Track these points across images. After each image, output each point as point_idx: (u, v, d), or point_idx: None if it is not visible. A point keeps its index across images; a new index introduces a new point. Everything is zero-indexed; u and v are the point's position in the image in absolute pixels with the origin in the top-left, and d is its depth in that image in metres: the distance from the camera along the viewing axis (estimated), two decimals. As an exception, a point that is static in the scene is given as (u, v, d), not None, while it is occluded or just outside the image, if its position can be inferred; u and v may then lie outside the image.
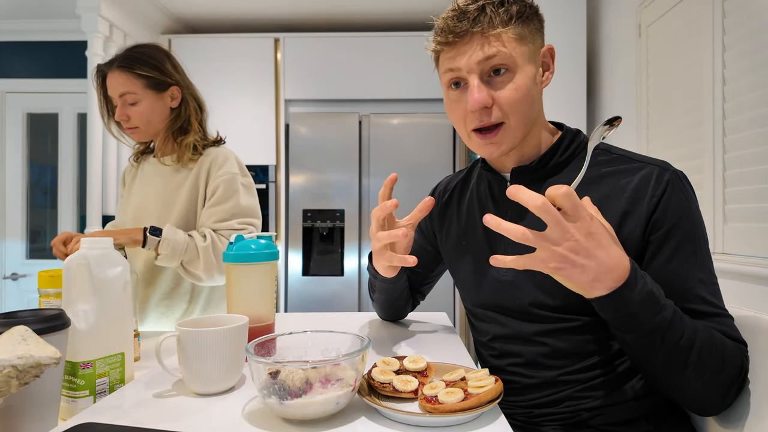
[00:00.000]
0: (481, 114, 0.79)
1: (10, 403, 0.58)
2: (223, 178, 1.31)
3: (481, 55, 0.76)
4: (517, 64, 0.77)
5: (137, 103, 1.29)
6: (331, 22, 3.36)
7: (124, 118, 1.30)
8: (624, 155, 0.82)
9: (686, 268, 0.73)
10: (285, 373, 0.59)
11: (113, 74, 1.29)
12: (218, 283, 1.30)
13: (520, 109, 0.78)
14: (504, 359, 0.86)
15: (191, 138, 1.33)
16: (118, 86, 1.28)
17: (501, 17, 0.76)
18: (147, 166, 1.41)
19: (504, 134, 0.80)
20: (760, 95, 1.43)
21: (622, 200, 0.77)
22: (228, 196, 1.30)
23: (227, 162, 1.33)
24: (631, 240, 0.75)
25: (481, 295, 0.90)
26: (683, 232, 0.74)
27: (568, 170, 0.84)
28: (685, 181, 0.77)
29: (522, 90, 0.78)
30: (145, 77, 1.29)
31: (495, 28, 0.76)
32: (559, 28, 2.44)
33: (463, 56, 0.78)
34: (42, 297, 0.84)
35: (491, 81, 0.79)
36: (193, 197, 1.32)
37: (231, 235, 1.25)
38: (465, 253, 0.94)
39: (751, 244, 1.46)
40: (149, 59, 1.30)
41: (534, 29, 0.80)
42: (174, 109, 1.36)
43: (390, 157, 3.03)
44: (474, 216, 0.94)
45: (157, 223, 1.30)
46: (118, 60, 1.29)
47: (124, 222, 1.40)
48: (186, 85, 1.37)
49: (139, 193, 1.38)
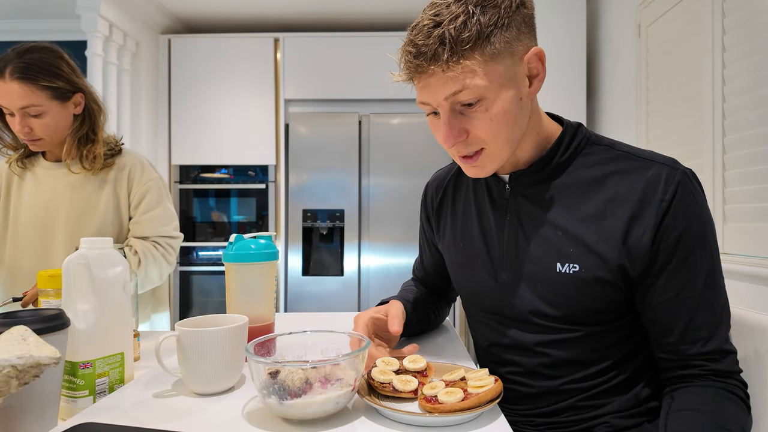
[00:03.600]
0: (457, 146, 0.74)
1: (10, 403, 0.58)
2: (148, 184, 1.35)
3: (446, 92, 0.70)
4: (491, 91, 0.69)
5: (41, 115, 1.21)
6: (331, 22, 3.36)
7: (26, 131, 1.22)
8: (629, 152, 0.77)
9: (695, 279, 0.71)
10: (285, 373, 0.59)
11: (9, 84, 1.17)
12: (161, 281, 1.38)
13: (499, 134, 0.73)
14: (504, 367, 0.84)
15: (100, 149, 1.29)
16: (18, 99, 1.18)
17: (463, 45, 0.66)
18: (40, 170, 1.33)
19: (485, 158, 0.76)
20: (760, 95, 1.43)
21: (629, 203, 0.72)
22: (158, 201, 1.36)
23: (145, 168, 1.37)
24: (640, 247, 0.71)
25: (480, 301, 0.87)
26: (694, 238, 0.71)
27: (571, 169, 0.78)
28: (695, 180, 0.73)
29: (498, 117, 0.71)
30: (50, 88, 1.21)
31: (457, 62, 0.67)
32: (559, 28, 2.44)
33: (428, 91, 0.71)
34: (42, 297, 0.84)
35: (464, 111, 0.72)
36: (113, 204, 1.32)
37: (170, 242, 1.36)
38: (463, 256, 0.90)
39: (751, 244, 1.46)
40: (50, 67, 1.22)
41: (513, 36, 0.69)
42: (77, 116, 1.29)
43: (390, 157, 3.03)
44: (471, 219, 0.89)
45: (71, 230, 1.29)
46: (12, 69, 1.17)
47: (16, 229, 1.33)
48: (88, 90, 1.31)
49: (38, 198, 1.32)
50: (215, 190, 3.20)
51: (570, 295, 0.75)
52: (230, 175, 3.19)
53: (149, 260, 1.28)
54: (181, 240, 1.41)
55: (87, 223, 1.30)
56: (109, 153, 1.33)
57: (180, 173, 3.20)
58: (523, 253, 0.79)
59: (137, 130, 3.02)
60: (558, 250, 0.75)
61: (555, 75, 2.40)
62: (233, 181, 3.19)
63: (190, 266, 3.19)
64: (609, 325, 0.76)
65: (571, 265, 0.74)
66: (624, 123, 2.29)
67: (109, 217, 1.32)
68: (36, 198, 1.32)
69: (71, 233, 1.29)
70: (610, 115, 2.44)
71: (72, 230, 1.30)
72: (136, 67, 3.02)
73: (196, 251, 3.21)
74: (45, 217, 1.31)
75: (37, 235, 1.31)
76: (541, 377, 0.79)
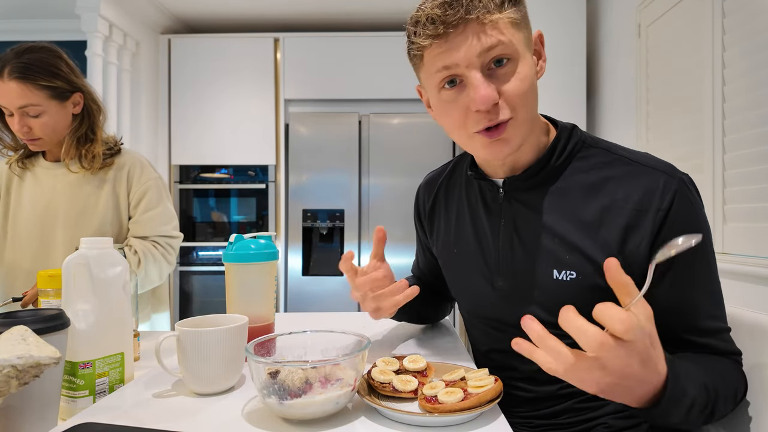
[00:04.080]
0: (489, 113, 0.69)
1: (10, 403, 0.58)
2: (148, 183, 1.35)
3: (481, 46, 0.67)
4: (518, 52, 0.69)
5: (40, 115, 1.22)
6: (331, 22, 3.36)
7: (25, 130, 1.22)
8: (625, 156, 0.76)
9: (693, 289, 0.71)
10: (285, 373, 0.59)
11: (8, 84, 1.18)
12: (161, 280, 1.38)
13: (527, 101, 0.70)
14: (503, 372, 0.83)
15: (99, 148, 1.30)
16: (16, 98, 1.19)
17: (495, 1, 0.67)
18: (40, 170, 1.33)
19: (513, 129, 0.71)
20: (760, 95, 1.43)
21: (625, 212, 0.71)
22: (158, 201, 1.36)
23: (144, 168, 1.37)
24: (636, 256, 0.70)
25: (477, 307, 0.86)
26: (693, 246, 0.72)
27: (566, 174, 0.77)
28: (693, 187, 0.73)
29: (527, 80, 0.69)
30: (49, 87, 1.21)
31: (492, 13, 0.67)
32: (559, 28, 2.44)
33: (458, 50, 0.67)
34: (42, 297, 0.84)
35: (493, 74, 0.69)
36: (112, 204, 1.32)
37: (169, 242, 1.36)
38: (458, 262, 0.88)
39: (751, 244, 1.46)
40: (49, 67, 1.22)
41: (524, 14, 0.72)
42: (76, 116, 1.30)
43: (390, 157, 3.03)
44: (464, 223, 0.87)
45: (70, 230, 1.29)
46: (11, 69, 1.18)
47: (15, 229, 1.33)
48: (87, 90, 1.31)
49: (38, 198, 1.32)
50: (215, 190, 3.20)
51: (568, 302, 0.74)
52: (230, 175, 3.19)
53: (149, 260, 1.28)
54: (181, 240, 1.41)
55: (86, 222, 1.30)
56: (109, 153, 1.33)
57: (180, 173, 3.20)
58: (520, 260, 0.78)
59: (137, 130, 3.02)
60: (554, 257, 0.75)
61: (555, 75, 2.40)
62: (233, 181, 3.19)
63: (190, 266, 3.19)
64: None
65: (568, 272, 0.74)
66: (624, 123, 2.28)
67: (109, 217, 1.32)
68: (36, 198, 1.32)
69: (71, 233, 1.30)
70: (609, 115, 2.44)
71: (71, 230, 1.30)
72: (136, 67, 3.02)
73: (196, 251, 3.21)
74: (44, 216, 1.31)
75: (37, 235, 1.31)
76: (540, 383, 0.79)
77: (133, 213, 1.35)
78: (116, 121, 2.83)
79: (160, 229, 1.35)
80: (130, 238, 1.33)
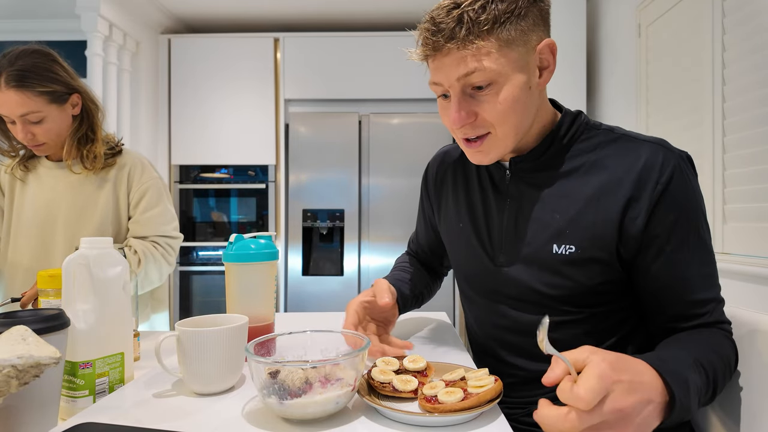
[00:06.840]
0: (464, 129, 0.76)
1: (10, 403, 0.58)
2: (148, 183, 1.35)
3: (458, 73, 0.72)
4: (502, 75, 0.72)
5: (42, 120, 1.22)
6: (331, 22, 3.36)
7: (29, 137, 1.23)
8: (628, 134, 0.80)
9: (689, 263, 0.74)
10: (285, 372, 0.59)
11: (6, 93, 1.17)
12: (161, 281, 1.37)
13: (507, 119, 0.75)
14: (502, 348, 0.86)
15: (100, 148, 1.30)
16: (16, 107, 1.18)
17: (480, 26, 0.69)
18: (42, 170, 1.34)
19: (490, 144, 0.77)
20: (760, 95, 1.43)
21: (625, 184, 0.74)
22: (158, 201, 1.36)
23: (145, 168, 1.37)
24: (634, 228, 0.73)
25: (478, 282, 0.89)
26: (687, 223, 0.73)
27: (570, 155, 0.80)
28: (690, 163, 0.76)
29: (507, 102, 0.73)
30: (47, 93, 1.21)
31: (472, 42, 0.70)
32: (559, 27, 2.44)
33: (441, 71, 0.74)
34: (41, 297, 0.84)
35: (474, 94, 0.74)
36: (113, 204, 1.32)
37: (169, 242, 1.35)
38: (463, 237, 0.92)
39: (751, 244, 1.46)
40: (45, 72, 1.21)
41: (529, 26, 0.72)
42: (76, 116, 1.30)
43: (389, 157, 3.03)
44: (474, 200, 0.91)
45: (70, 229, 1.29)
46: (7, 77, 1.17)
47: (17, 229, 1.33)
48: (84, 90, 1.31)
49: (39, 198, 1.32)
50: (215, 190, 3.20)
51: (566, 275, 0.77)
52: (230, 175, 3.19)
53: (149, 260, 1.28)
54: (181, 240, 1.41)
55: (86, 222, 1.30)
56: (110, 152, 1.33)
57: (180, 173, 3.20)
58: (521, 236, 0.82)
59: (137, 130, 3.02)
60: (555, 232, 0.78)
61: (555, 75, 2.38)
62: (233, 181, 3.19)
63: (190, 266, 3.19)
64: (606, 306, 0.79)
65: (567, 246, 0.77)
66: (624, 123, 2.29)
67: (109, 217, 1.32)
68: (37, 197, 1.32)
69: (71, 232, 1.30)
70: (610, 115, 2.44)
71: (71, 229, 1.30)
72: (136, 67, 3.02)
73: (196, 251, 3.21)
74: (45, 216, 1.31)
75: (37, 234, 1.31)
76: (539, 359, 0.81)
77: (133, 213, 1.35)
78: (116, 121, 2.83)
79: (160, 230, 1.35)
80: (129, 238, 1.34)
